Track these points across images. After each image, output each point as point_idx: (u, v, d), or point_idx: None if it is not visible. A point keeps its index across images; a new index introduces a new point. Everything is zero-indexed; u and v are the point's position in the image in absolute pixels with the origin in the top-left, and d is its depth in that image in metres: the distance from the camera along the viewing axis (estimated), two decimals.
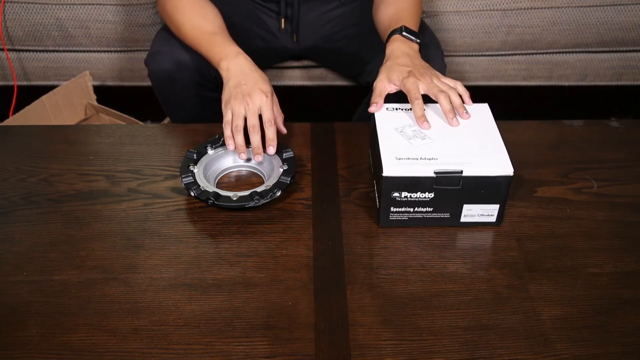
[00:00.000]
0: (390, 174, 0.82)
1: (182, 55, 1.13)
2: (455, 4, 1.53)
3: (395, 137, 0.88)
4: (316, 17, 1.28)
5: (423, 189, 0.83)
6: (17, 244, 0.85)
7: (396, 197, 0.84)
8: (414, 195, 0.84)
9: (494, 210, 0.86)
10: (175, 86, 1.17)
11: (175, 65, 1.14)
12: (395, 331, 0.73)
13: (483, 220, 0.87)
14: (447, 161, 0.83)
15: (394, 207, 0.85)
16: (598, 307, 0.77)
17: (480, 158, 0.84)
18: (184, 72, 1.14)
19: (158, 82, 1.18)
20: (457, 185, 0.83)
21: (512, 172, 0.82)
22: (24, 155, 1.01)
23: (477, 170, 0.82)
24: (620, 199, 0.93)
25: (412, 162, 0.83)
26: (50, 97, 1.54)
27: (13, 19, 1.53)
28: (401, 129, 0.89)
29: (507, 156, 0.85)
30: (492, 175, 0.82)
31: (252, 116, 0.95)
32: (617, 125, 1.08)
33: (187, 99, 1.20)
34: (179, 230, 0.87)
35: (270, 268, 0.81)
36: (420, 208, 0.85)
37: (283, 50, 1.34)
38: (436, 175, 0.82)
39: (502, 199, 0.85)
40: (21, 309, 0.76)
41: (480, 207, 0.85)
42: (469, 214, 0.86)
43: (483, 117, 0.93)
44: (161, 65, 1.15)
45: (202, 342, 0.72)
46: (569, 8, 1.54)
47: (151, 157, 1.00)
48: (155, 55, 1.16)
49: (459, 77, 1.65)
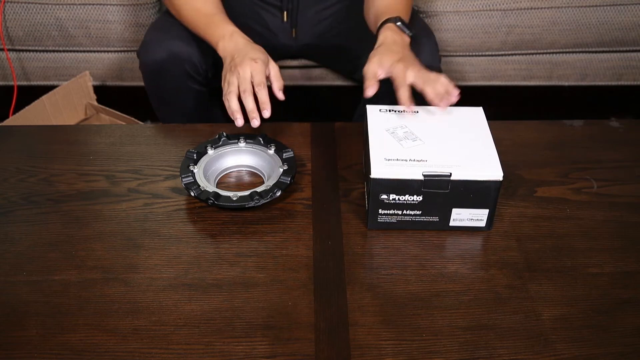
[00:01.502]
0: (378, 176, 0.82)
1: (174, 46, 1.13)
2: (455, 4, 1.54)
3: (386, 138, 0.87)
4: (315, 13, 1.29)
5: (411, 191, 0.83)
6: (17, 244, 0.85)
7: (384, 199, 0.83)
8: (402, 198, 0.83)
9: (483, 214, 0.85)
10: (166, 77, 1.17)
11: (167, 55, 1.14)
12: (395, 331, 0.73)
13: (472, 225, 0.86)
14: (436, 164, 0.82)
15: (382, 210, 0.85)
16: (598, 307, 0.77)
17: (470, 162, 0.83)
18: (175, 63, 1.14)
19: (149, 72, 1.18)
20: (445, 188, 0.82)
21: (502, 176, 0.82)
22: (24, 155, 1.01)
23: (466, 174, 0.82)
24: (620, 199, 0.93)
25: (401, 163, 0.82)
26: (50, 97, 1.54)
27: (13, 19, 1.53)
28: (392, 130, 0.89)
29: (497, 161, 0.84)
30: (482, 180, 0.82)
31: (242, 82, 0.95)
32: (617, 125, 1.08)
33: (176, 92, 1.20)
34: (179, 230, 0.87)
35: (270, 268, 0.81)
36: (409, 211, 0.85)
37: (281, 48, 1.34)
38: (424, 178, 0.81)
39: (491, 204, 0.84)
40: (21, 309, 0.76)
41: (469, 212, 0.85)
42: (458, 218, 0.85)
43: (476, 120, 0.92)
44: (152, 55, 1.15)
45: (202, 342, 0.72)
46: (569, 8, 1.54)
47: (151, 157, 1.00)
48: (147, 44, 1.16)
49: (459, 77, 1.66)
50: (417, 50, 1.13)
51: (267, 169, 0.95)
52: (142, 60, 1.17)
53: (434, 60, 1.15)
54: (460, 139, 0.88)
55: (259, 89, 0.95)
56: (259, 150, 0.97)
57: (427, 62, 1.13)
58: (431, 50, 1.16)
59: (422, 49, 1.13)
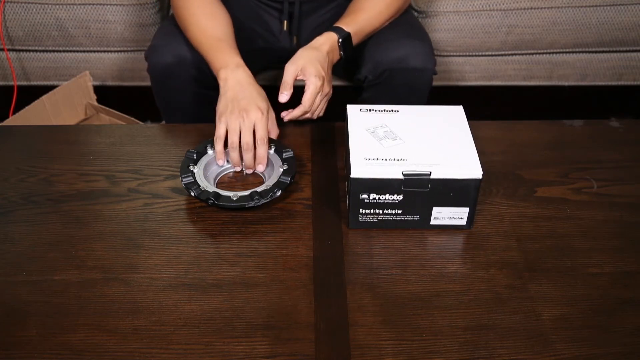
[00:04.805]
0: (358, 176, 0.82)
1: (182, 50, 1.13)
2: (455, 4, 1.54)
3: (366, 138, 0.87)
4: (314, 19, 1.29)
5: (392, 191, 0.83)
6: (17, 244, 0.85)
7: (365, 198, 0.83)
8: (382, 197, 0.83)
9: (463, 213, 0.85)
10: (174, 81, 1.17)
11: (175, 59, 1.14)
12: (395, 331, 0.73)
13: (453, 223, 0.86)
14: (416, 163, 0.82)
15: (363, 209, 0.85)
16: (598, 307, 0.77)
17: (449, 160, 0.83)
18: (184, 66, 1.14)
19: (157, 76, 1.18)
20: (425, 187, 0.82)
21: (481, 175, 0.82)
22: (24, 155, 1.01)
23: (446, 172, 0.82)
24: (620, 199, 0.93)
25: (381, 162, 0.82)
26: (50, 97, 1.54)
27: (13, 19, 1.53)
28: (373, 130, 0.89)
29: (477, 159, 0.84)
30: (461, 178, 0.82)
31: (247, 133, 0.94)
32: (617, 125, 1.08)
33: (184, 96, 1.20)
34: (179, 230, 0.87)
35: (270, 268, 0.81)
36: (390, 210, 0.85)
37: (282, 51, 1.34)
38: (404, 177, 0.82)
39: (471, 202, 0.84)
40: (21, 309, 0.76)
41: (450, 210, 0.85)
42: (439, 217, 0.85)
43: (457, 119, 0.92)
44: (161, 58, 1.15)
45: (202, 342, 0.72)
46: (569, 8, 1.54)
47: (151, 157, 1.00)
48: (155, 48, 1.16)
49: (459, 77, 1.66)
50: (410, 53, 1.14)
51: (267, 169, 0.95)
52: (150, 63, 1.17)
53: (427, 62, 1.16)
54: (440, 138, 0.88)
55: (260, 144, 0.95)
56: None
57: (420, 64, 1.14)
58: (425, 52, 1.16)
59: (415, 51, 1.14)
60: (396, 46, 1.15)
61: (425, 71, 1.16)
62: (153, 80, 1.20)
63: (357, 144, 0.86)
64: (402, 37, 1.16)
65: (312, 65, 1.00)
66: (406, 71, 1.15)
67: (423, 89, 1.20)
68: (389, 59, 1.15)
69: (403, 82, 1.17)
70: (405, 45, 1.15)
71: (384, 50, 1.17)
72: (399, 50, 1.15)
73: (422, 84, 1.19)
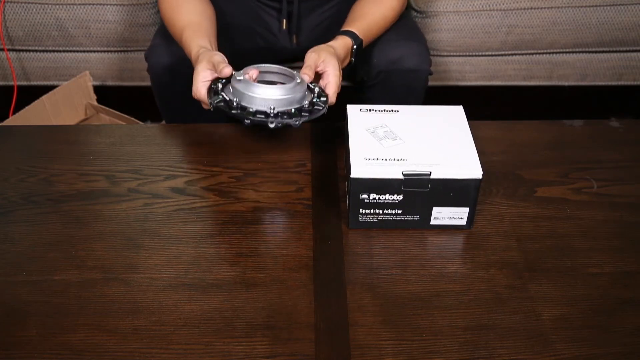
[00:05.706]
0: (358, 176, 0.82)
1: (181, 50, 1.13)
2: (455, 4, 1.54)
3: (366, 138, 0.87)
4: (314, 18, 1.29)
5: (392, 190, 0.83)
6: (17, 244, 0.85)
7: (365, 198, 0.83)
8: (382, 197, 0.83)
9: (463, 213, 0.85)
10: (175, 81, 1.17)
11: (175, 59, 1.14)
12: (395, 331, 0.73)
13: (453, 223, 0.86)
14: (416, 163, 0.82)
15: (363, 209, 0.85)
16: (598, 307, 0.77)
17: (450, 160, 0.83)
18: (184, 66, 1.14)
19: (157, 76, 1.18)
20: (425, 187, 0.82)
21: (481, 175, 0.82)
22: (24, 155, 1.01)
23: (446, 172, 0.82)
24: (620, 199, 0.93)
25: (381, 162, 0.82)
26: (50, 97, 1.54)
27: (13, 19, 1.53)
28: (373, 130, 0.89)
29: (477, 159, 0.84)
30: (461, 178, 0.82)
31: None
32: (617, 125, 1.08)
33: (184, 96, 1.20)
34: (179, 230, 0.87)
35: (270, 268, 0.81)
36: (390, 210, 0.85)
37: (282, 51, 1.34)
38: (404, 177, 0.82)
39: (471, 202, 0.84)
40: (21, 309, 0.76)
41: (450, 210, 0.85)
42: (439, 217, 0.85)
43: (456, 119, 0.92)
44: (161, 58, 1.15)
45: (202, 342, 0.72)
46: (569, 8, 1.54)
47: (151, 157, 1.00)
48: (155, 48, 1.17)
49: (459, 77, 1.66)
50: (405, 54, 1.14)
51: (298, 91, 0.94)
52: (150, 63, 1.17)
53: (422, 63, 1.16)
54: (440, 138, 0.88)
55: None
56: (287, 76, 0.98)
57: (415, 65, 1.15)
58: (420, 53, 1.16)
59: (410, 53, 1.14)
60: (391, 48, 1.15)
61: (420, 72, 1.17)
62: (153, 80, 1.20)
63: (357, 144, 0.86)
64: (397, 39, 1.16)
65: (333, 59, 1.00)
66: (401, 72, 1.15)
67: (419, 90, 1.20)
68: (384, 61, 1.16)
69: (399, 83, 1.17)
70: (400, 46, 1.15)
71: (379, 52, 1.17)
72: (394, 52, 1.15)
73: (418, 85, 1.19)
